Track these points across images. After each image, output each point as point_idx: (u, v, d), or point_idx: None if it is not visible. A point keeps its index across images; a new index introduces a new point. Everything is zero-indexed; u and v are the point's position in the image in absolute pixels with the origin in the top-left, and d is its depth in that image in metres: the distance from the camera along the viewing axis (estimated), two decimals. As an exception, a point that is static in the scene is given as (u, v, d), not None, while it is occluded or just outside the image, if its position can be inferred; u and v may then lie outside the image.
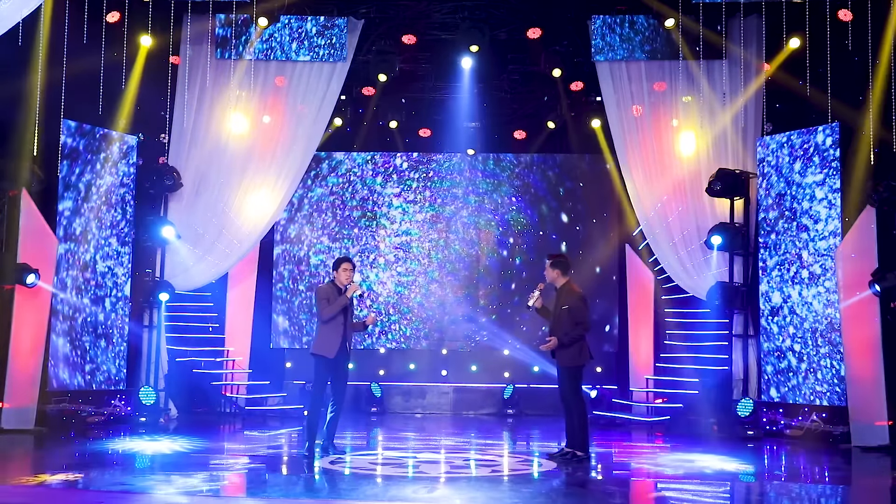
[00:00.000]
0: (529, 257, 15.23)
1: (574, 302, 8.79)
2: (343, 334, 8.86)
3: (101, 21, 11.21)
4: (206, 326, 13.76)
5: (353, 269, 9.00)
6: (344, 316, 8.86)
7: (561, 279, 8.94)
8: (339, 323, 8.85)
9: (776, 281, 11.66)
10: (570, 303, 8.78)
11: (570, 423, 8.84)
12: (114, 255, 12.17)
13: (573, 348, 8.72)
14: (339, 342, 8.84)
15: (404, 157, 15.43)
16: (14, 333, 10.78)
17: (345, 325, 8.88)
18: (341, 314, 8.84)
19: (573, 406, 8.78)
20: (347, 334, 8.91)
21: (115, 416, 11.81)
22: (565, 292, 8.86)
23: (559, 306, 8.81)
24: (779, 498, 7.28)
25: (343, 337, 8.86)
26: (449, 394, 14.71)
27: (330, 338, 8.83)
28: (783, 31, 11.05)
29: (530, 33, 13.05)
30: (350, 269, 8.95)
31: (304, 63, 12.89)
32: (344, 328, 8.87)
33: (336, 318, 8.83)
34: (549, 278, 8.97)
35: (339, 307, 8.81)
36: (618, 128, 12.80)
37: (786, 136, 11.73)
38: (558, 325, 8.78)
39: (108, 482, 7.44)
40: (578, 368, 8.79)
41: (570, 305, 8.77)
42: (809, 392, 11.20)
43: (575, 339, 8.70)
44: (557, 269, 8.95)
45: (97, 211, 11.98)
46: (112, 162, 12.16)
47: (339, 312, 8.81)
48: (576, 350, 8.73)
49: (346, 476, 8.08)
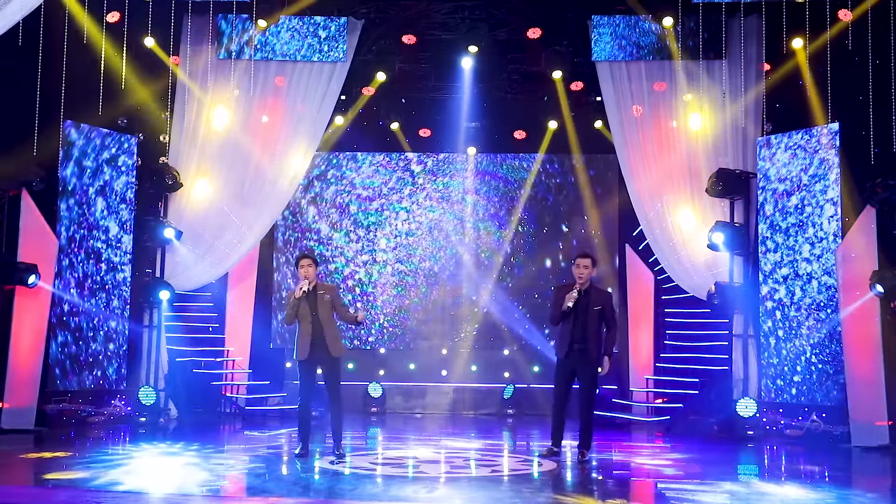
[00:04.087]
0: (530, 257, 15.23)
1: (608, 303, 8.81)
2: (311, 333, 8.46)
3: (102, 21, 11.20)
4: (206, 326, 13.76)
5: (311, 264, 8.48)
6: (311, 314, 8.47)
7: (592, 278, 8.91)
8: (306, 322, 8.48)
9: (776, 281, 11.66)
10: (602, 303, 8.76)
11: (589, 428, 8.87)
12: (114, 255, 12.16)
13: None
14: (308, 343, 8.47)
15: (404, 157, 15.42)
16: (14, 333, 10.78)
17: (312, 324, 8.46)
18: (308, 313, 8.46)
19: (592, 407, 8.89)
20: (318, 331, 8.45)
21: (115, 416, 11.82)
22: (596, 292, 8.83)
23: (591, 306, 8.74)
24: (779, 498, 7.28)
25: (311, 337, 8.46)
26: (449, 394, 14.71)
27: (298, 339, 8.58)
28: (783, 31, 11.05)
29: (530, 33, 13.05)
30: (305, 266, 8.44)
31: (304, 63, 12.89)
32: (312, 328, 8.46)
33: (301, 318, 8.48)
34: (587, 276, 8.74)
35: (291, 309, 8.47)
36: (618, 128, 12.80)
37: (786, 136, 11.73)
38: (588, 326, 8.72)
39: (108, 482, 7.44)
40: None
41: (602, 306, 8.75)
42: (809, 392, 11.20)
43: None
44: (595, 266, 8.89)
45: (97, 211, 11.97)
46: (112, 162, 12.16)
47: (297, 314, 8.45)
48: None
49: (346, 476, 8.08)
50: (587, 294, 8.72)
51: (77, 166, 11.74)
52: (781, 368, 11.51)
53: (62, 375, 11.48)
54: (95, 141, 11.97)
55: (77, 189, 11.76)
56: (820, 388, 11.10)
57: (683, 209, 12.50)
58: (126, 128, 12.42)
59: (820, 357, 11.13)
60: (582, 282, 8.70)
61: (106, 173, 12.09)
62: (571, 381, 8.91)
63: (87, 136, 11.88)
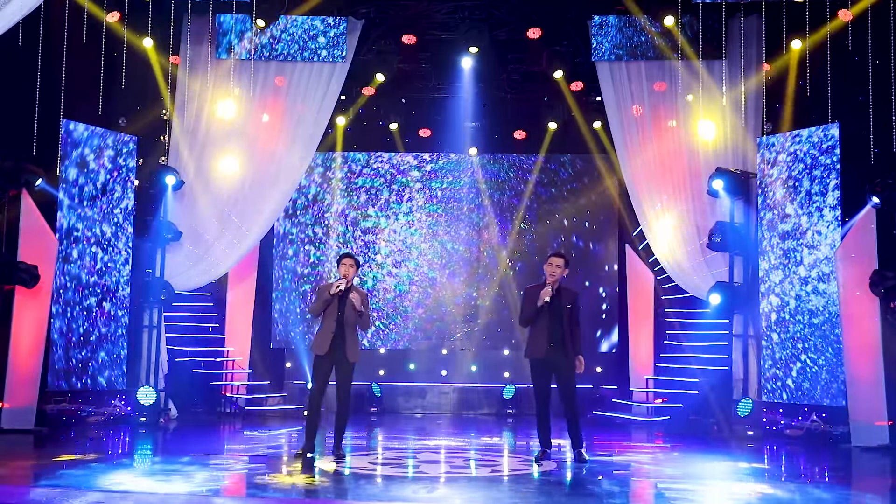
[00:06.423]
0: (530, 257, 15.22)
1: (576, 302, 8.83)
2: (334, 331, 8.56)
3: (102, 21, 11.21)
4: (206, 326, 13.76)
5: (353, 265, 8.66)
6: (338, 312, 8.57)
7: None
8: (330, 319, 8.58)
9: (776, 280, 11.66)
10: (573, 302, 8.79)
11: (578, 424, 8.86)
12: (114, 255, 12.16)
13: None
14: (329, 340, 8.56)
15: (404, 157, 15.42)
16: (14, 333, 10.78)
17: (337, 321, 8.57)
18: (335, 311, 8.56)
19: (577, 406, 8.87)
20: (340, 331, 8.57)
21: (114, 416, 11.81)
22: (566, 291, 8.84)
23: (563, 305, 8.75)
24: (779, 498, 7.28)
25: (333, 335, 8.56)
26: (449, 394, 14.71)
27: (319, 334, 8.67)
28: (783, 31, 11.05)
29: (530, 33, 13.05)
30: (347, 265, 8.61)
31: (304, 63, 12.90)
32: (336, 325, 8.56)
33: (326, 314, 8.58)
34: (559, 275, 8.75)
35: (321, 302, 8.57)
36: (618, 128, 12.81)
37: (786, 135, 11.72)
38: (559, 324, 8.72)
39: (108, 482, 7.44)
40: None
41: (573, 305, 8.78)
42: (809, 392, 11.20)
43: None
44: (568, 267, 8.91)
45: (97, 211, 11.97)
46: (112, 162, 12.16)
47: (325, 308, 8.53)
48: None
49: (346, 476, 8.08)
50: (559, 293, 8.72)
51: (77, 166, 11.74)
52: (781, 368, 11.51)
53: (62, 375, 11.47)
54: (95, 141, 11.97)
55: (77, 189, 11.75)
56: (820, 388, 11.10)
57: (683, 209, 12.49)
58: (126, 128, 12.41)
59: (820, 357, 11.12)
60: (553, 280, 8.68)
61: (106, 173, 12.09)
62: (551, 380, 8.88)
63: (87, 136, 11.88)
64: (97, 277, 11.96)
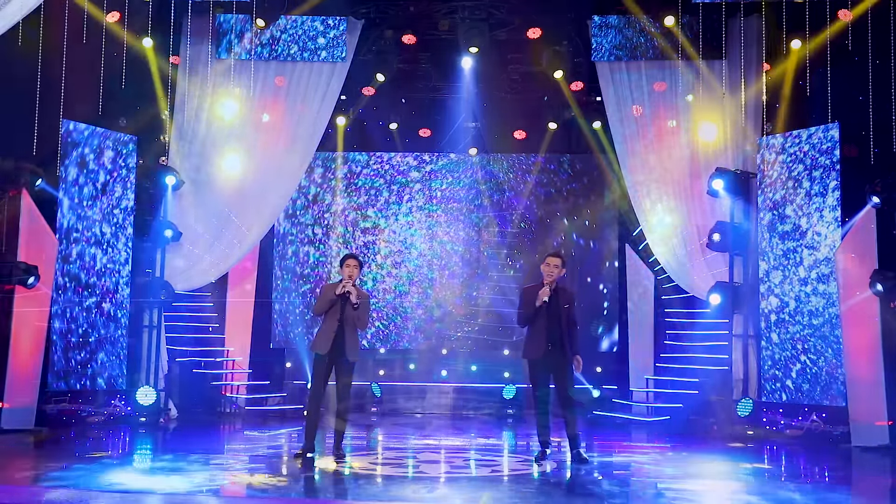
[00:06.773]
0: (530, 257, 15.22)
1: (572, 302, 8.83)
2: (335, 330, 8.54)
3: (101, 21, 11.20)
4: (206, 326, 13.76)
5: (356, 266, 8.65)
6: (340, 312, 8.56)
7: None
8: (332, 319, 8.57)
9: (776, 281, 11.66)
10: (570, 302, 8.79)
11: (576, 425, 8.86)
12: (113, 255, 12.16)
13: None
14: (330, 339, 8.54)
15: (404, 157, 15.42)
16: (14, 333, 10.78)
17: (340, 321, 8.55)
18: (337, 311, 8.56)
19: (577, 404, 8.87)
20: (341, 331, 8.55)
21: (114, 416, 11.81)
22: (563, 291, 8.84)
23: (560, 305, 8.75)
24: (779, 498, 7.27)
25: (334, 334, 8.54)
26: (449, 394, 14.70)
27: (320, 333, 8.66)
28: (783, 31, 11.04)
29: (530, 33, 13.05)
30: (351, 266, 8.60)
31: (304, 63, 12.90)
32: (337, 324, 8.54)
33: (329, 314, 8.57)
34: (556, 275, 8.74)
35: (326, 302, 8.56)
36: (618, 128, 12.80)
37: (786, 135, 11.72)
38: (557, 324, 8.72)
39: (108, 482, 7.44)
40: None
41: (570, 304, 8.78)
42: (809, 392, 11.20)
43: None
44: (564, 267, 8.89)
45: (97, 211, 11.98)
46: (112, 162, 12.16)
47: (328, 308, 8.52)
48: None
49: (346, 476, 8.08)
50: (556, 293, 8.71)
51: (77, 166, 11.74)
52: (781, 368, 11.50)
53: (62, 375, 11.47)
54: (95, 141, 11.97)
55: (77, 189, 11.75)
56: (820, 389, 11.10)
57: (683, 209, 12.49)
58: (126, 128, 12.41)
59: (819, 357, 11.12)
60: (550, 280, 8.66)
61: (106, 173, 12.08)
62: (549, 380, 8.87)
63: (86, 136, 11.87)
64: (97, 278, 11.96)
